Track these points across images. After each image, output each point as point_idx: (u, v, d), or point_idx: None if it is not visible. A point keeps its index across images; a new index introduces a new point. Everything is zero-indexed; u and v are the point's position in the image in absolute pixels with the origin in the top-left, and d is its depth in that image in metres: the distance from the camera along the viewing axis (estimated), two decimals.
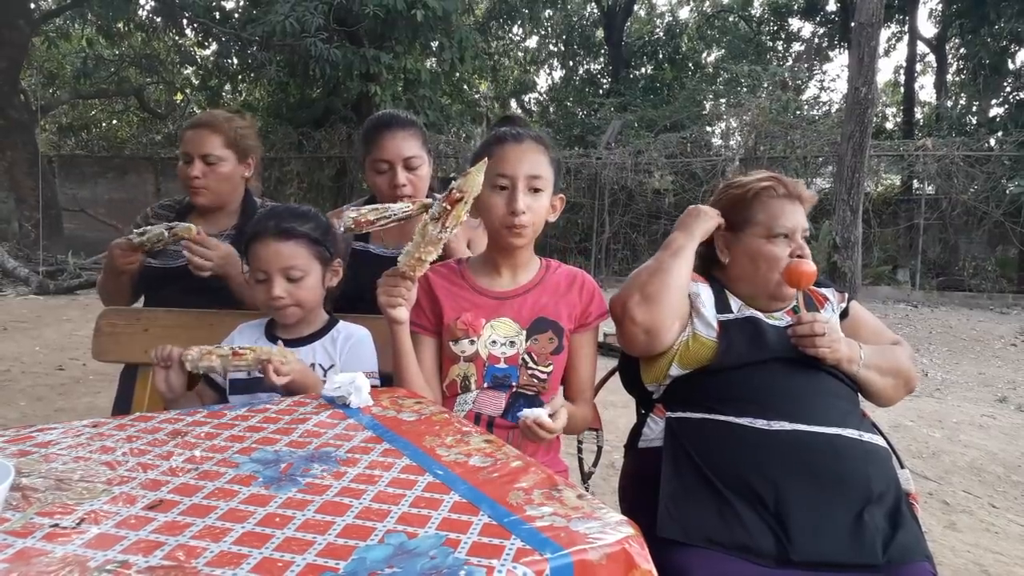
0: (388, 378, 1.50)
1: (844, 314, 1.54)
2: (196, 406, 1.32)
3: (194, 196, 1.92)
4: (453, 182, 1.29)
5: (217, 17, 11.72)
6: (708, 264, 1.58)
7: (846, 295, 1.59)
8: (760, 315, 1.45)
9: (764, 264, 1.45)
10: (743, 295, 1.50)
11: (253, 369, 1.36)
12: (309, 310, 1.50)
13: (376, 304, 1.66)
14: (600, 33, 18.26)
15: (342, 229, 1.63)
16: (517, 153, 1.40)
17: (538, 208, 1.41)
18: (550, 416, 1.28)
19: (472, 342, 1.42)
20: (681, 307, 1.43)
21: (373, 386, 1.43)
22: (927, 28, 19.91)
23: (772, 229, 1.46)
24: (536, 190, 1.40)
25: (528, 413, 1.28)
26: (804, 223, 1.49)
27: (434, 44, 11.13)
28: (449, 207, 1.27)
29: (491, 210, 1.41)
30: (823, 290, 1.57)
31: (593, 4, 17.72)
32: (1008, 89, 13.23)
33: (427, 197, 2.00)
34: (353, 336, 1.52)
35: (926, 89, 18.34)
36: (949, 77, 15.22)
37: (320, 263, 1.48)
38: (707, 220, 1.51)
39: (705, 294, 1.48)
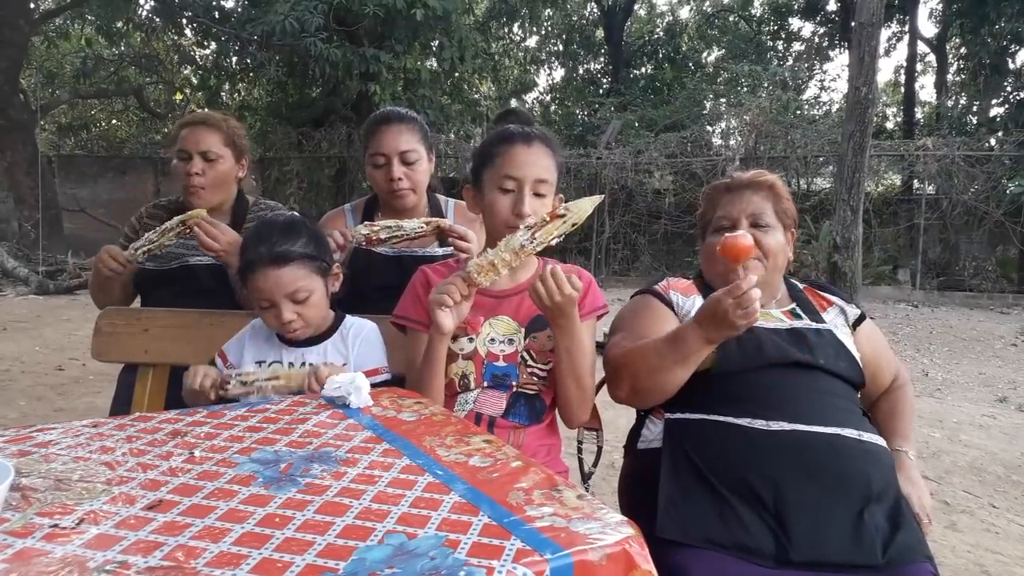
0: (396, 379, 1.50)
1: (857, 322, 1.53)
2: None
3: (192, 197, 1.90)
4: (563, 204, 1.30)
5: (216, 17, 11.71)
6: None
7: (854, 306, 1.58)
8: (758, 322, 1.44)
9: (707, 257, 1.52)
10: None
11: (294, 388, 1.36)
12: (319, 324, 1.50)
13: (380, 304, 1.65)
14: (600, 33, 18.25)
15: (354, 244, 1.67)
16: (527, 155, 1.39)
17: (542, 212, 1.40)
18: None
19: (471, 340, 1.42)
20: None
21: (384, 382, 1.43)
22: (927, 28, 19.93)
23: (715, 223, 1.51)
24: (541, 195, 1.40)
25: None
26: (753, 208, 1.49)
27: (434, 44, 11.12)
28: (547, 219, 1.27)
29: (495, 210, 1.40)
30: (829, 295, 1.57)
31: (593, 4, 17.71)
32: (1008, 89, 13.22)
33: (427, 199, 2.00)
34: (363, 331, 1.52)
35: (926, 89, 18.36)
36: (949, 77, 15.21)
37: (321, 276, 1.48)
38: (730, 330, 1.26)
39: (697, 308, 1.49)
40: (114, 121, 17.29)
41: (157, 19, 12.31)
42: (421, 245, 1.89)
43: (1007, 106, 12.81)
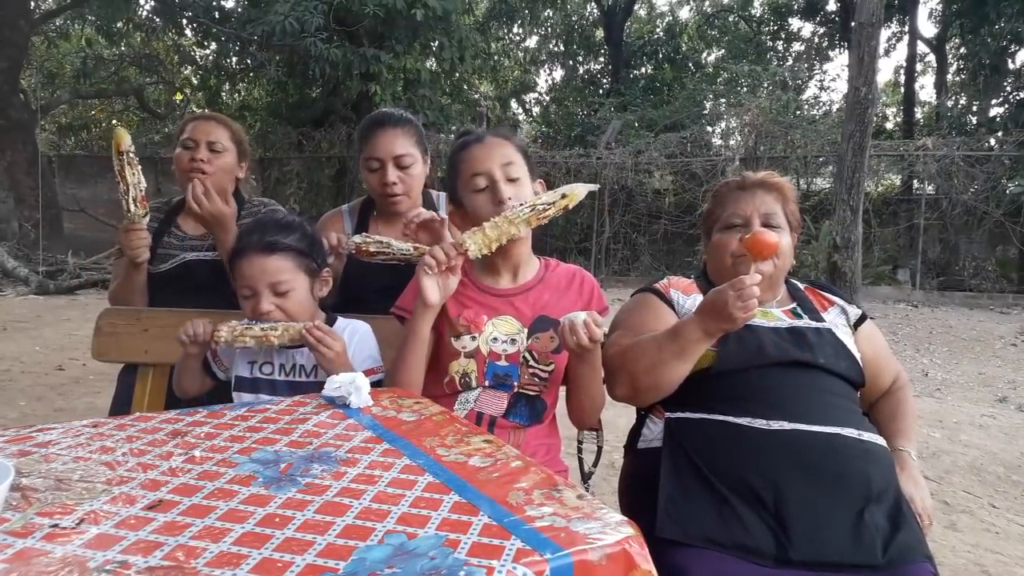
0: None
1: (858, 323, 1.53)
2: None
3: (195, 178, 1.89)
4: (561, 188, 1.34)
5: (217, 17, 11.71)
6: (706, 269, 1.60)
7: (855, 306, 1.58)
8: (757, 321, 1.44)
9: (718, 254, 1.51)
10: None
11: (287, 342, 1.38)
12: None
13: (377, 305, 1.65)
14: (600, 33, 18.25)
15: (346, 252, 1.67)
16: (483, 150, 1.42)
17: (523, 196, 1.41)
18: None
19: (473, 338, 1.42)
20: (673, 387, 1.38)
21: (381, 381, 1.43)
22: (927, 28, 19.93)
23: (725, 221, 1.50)
24: (513, 179, 1.41)
25: (569, 316, 1.29)
26: (766, 207, 1.48)
27: (434, 44, 11.13)
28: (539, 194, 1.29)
29: (479, 212, 1.40)
30: (831, 295, 1.57)
31: (593, 4, 17.71)
32: (1008, 89, 13.21)
33: (423, 201, 2.00)
34: (358, 331, 1.52)
35: (926, 89, 18.33)
36: (949, 77, 15.21)
37: (307, 275, 1.47)
38: (728, 323, 1.25)
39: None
40: (114, 121, 17.28)
41: (157, 19, 12.32)
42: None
43: (1007, 106, 12.80)
